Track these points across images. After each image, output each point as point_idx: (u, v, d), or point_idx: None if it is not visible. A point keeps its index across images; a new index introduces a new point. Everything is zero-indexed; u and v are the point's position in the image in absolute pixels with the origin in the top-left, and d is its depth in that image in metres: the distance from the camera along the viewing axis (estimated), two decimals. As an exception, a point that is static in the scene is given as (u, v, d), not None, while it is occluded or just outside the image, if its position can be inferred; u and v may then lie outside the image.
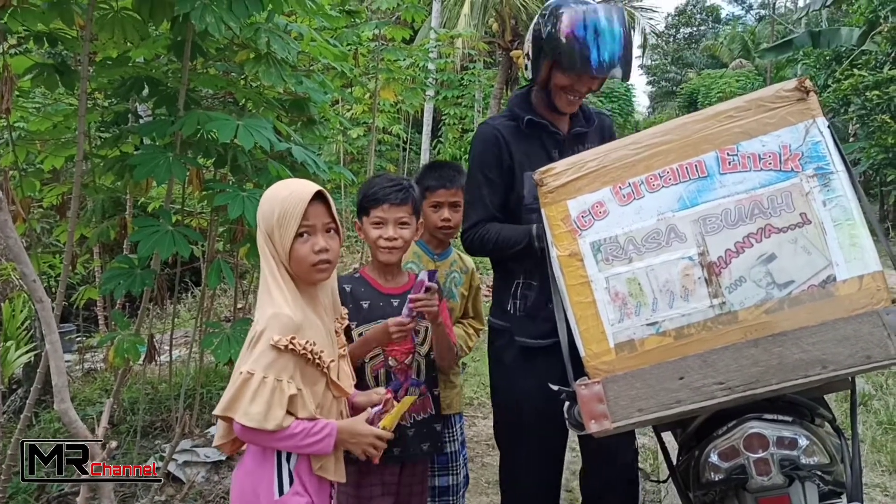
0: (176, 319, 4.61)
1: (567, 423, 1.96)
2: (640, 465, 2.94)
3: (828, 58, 18.15)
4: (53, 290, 5.27)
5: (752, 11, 47.58)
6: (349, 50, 6.37)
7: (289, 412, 1.85)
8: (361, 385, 2.38)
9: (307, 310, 1.97)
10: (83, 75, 3.19)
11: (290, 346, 1.85)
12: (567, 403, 1.95)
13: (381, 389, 2.19)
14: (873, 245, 1.77)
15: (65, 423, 2.51)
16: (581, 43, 2.27)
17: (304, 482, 1.97)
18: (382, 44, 7.31)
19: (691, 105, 35.80)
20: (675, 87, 46.44)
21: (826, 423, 2.00)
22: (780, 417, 1.84)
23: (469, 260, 3.13)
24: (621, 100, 28.74)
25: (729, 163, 1.83)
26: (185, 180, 3.52)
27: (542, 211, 1.97)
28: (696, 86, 34.25)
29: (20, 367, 4.81)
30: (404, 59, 8.17)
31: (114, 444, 2.50)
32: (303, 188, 1.97)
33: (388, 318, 2.35)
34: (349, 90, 7.82)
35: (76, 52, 3.55)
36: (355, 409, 2.12)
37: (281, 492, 1.94)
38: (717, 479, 1.89)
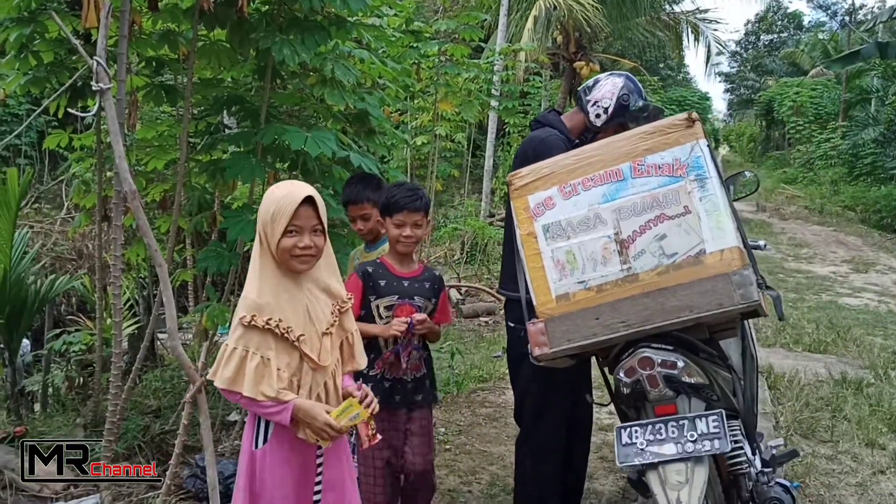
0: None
1: (530, 356, 2.73)
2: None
3: (896, 68, 18.18)
4: (155, 277, 6.17)
5: (836, 18, 46.61)
6: (413, 66, 7.19)
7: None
8: (374, 347, 3.01)
9: (285, 293, 2.24)
10: (186, 95, 3.99)
11: (252, 323, 2.16)
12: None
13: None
14: (734, 228, 2.47)
15: (175, 356, 3.34)
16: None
17: (284, 441, 2.27)
18: (445, 60, 8.13)
19: (768, 113, 35.13)
20: (753, 95, 45.93)
21: (718, 361, 2.68)
22: (665, 347, 2.55)
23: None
24: (694, 108, 28.65)
25: (638, 170, 2.57)
26: (266, 181, 4.36)
27: (511, 203, 2.75)
28: (774, 94, 33.67)
29: (126, 338, 5.76)
30: (466, 73, 8.95)
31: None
32: (297, 190, 2.23)
33: (399, 293, 3.04)
34: (414, 102, 8.67)
35: (178, 73, 4.42)
36: (346, 397, 2.34)
37: (256, 445, 2.30)
38: (626, 392, 2.60)
